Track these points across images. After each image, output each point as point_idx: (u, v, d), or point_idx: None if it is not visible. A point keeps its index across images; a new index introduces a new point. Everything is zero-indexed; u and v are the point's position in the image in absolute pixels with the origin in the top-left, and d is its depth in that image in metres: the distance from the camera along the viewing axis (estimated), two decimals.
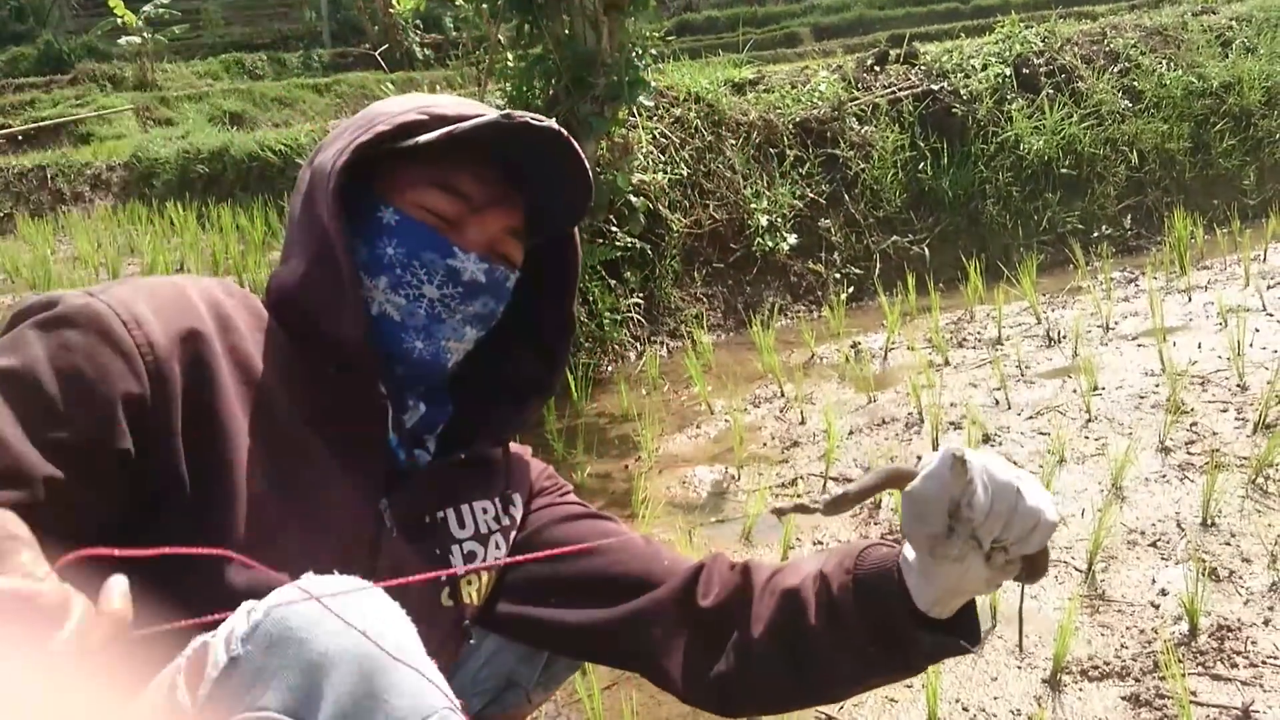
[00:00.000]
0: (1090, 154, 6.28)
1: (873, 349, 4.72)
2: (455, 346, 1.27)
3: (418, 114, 1.21)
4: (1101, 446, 3.25)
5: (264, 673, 0.84)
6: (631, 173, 4.91)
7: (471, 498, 1.34)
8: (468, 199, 1.24)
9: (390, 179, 1.24)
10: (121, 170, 10.31)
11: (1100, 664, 2.19)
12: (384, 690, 0.84)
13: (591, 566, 1.36)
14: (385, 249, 1.22)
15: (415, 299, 1.22)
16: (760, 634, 1.24)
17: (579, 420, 4.20)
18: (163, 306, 1.09)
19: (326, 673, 0.83)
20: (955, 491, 1.02)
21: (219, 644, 0.87)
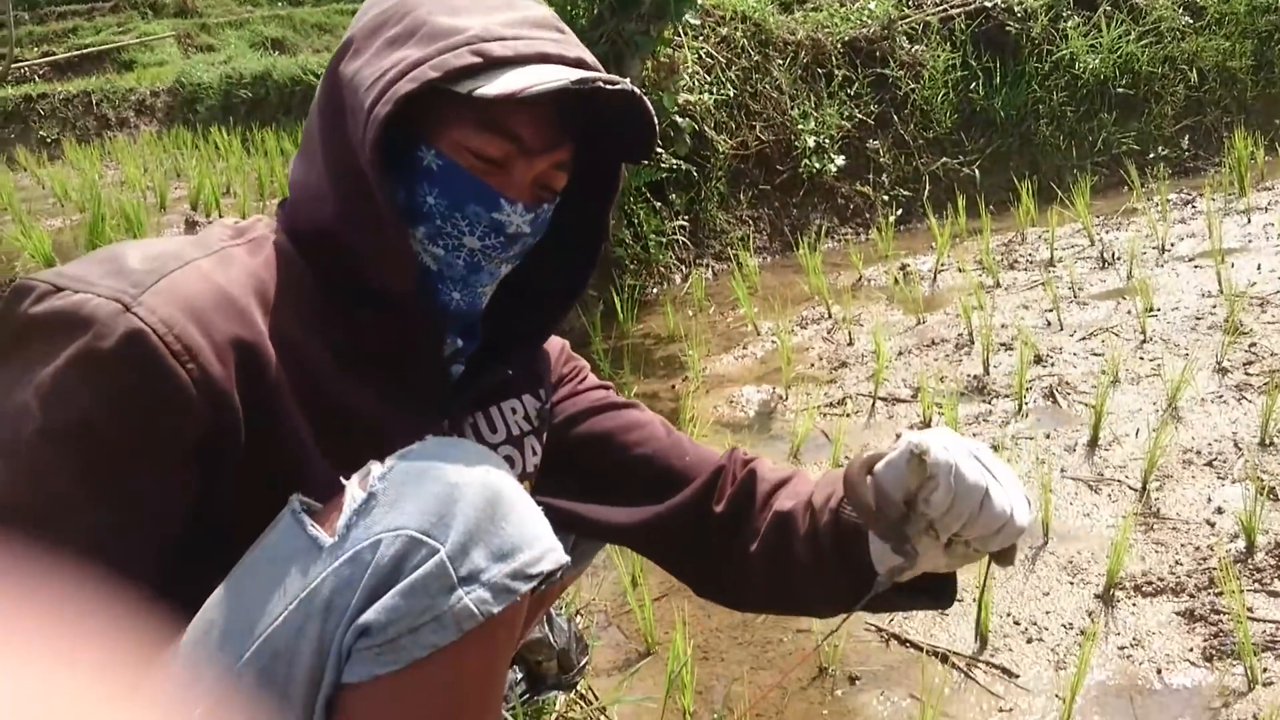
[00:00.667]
0: (1148, 73, 6.11)
1: (921, 271, 4.66)
2: (490, 288, 1.22)
3: (470, 54, 1.06)
4: (1157, 367, 3.20)
5: (400, 501, 0.94)
6: (677, 93, 4.84)
7: (500, 398, 1.32)
8: (518, 140, 1.12)
9: (432, 113, 1.10)
10: (165, 96, 10.34)
11: (1154, 580, 2.17)
12: (503, 517, 0.95)
13: (617, 464, 1.37)
14: (426, 197, 1.12)
15: (455, 249, 1.14)
16: (755, 550, 1.29)
17: (625, 341, 4.20)
18: (204, 315, 0.99)
19: (457, 498, 0.94)
20: (911, 485, 1.03)
21: (353, 486, 0.96)
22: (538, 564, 0.96)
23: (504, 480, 0.97)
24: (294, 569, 0.94)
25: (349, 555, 0.92)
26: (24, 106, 10.31)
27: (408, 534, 0.91)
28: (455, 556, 0.92)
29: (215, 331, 0.99)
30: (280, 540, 0.97)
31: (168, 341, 0.95)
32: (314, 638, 0.91)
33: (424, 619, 0.91)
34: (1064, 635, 2.06)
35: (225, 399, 0.99)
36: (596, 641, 2.17)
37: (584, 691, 1.99)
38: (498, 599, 0.93)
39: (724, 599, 1.41)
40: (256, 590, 0.95)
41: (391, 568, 0.91)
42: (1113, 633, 2.04)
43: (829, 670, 2.03)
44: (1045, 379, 3.23)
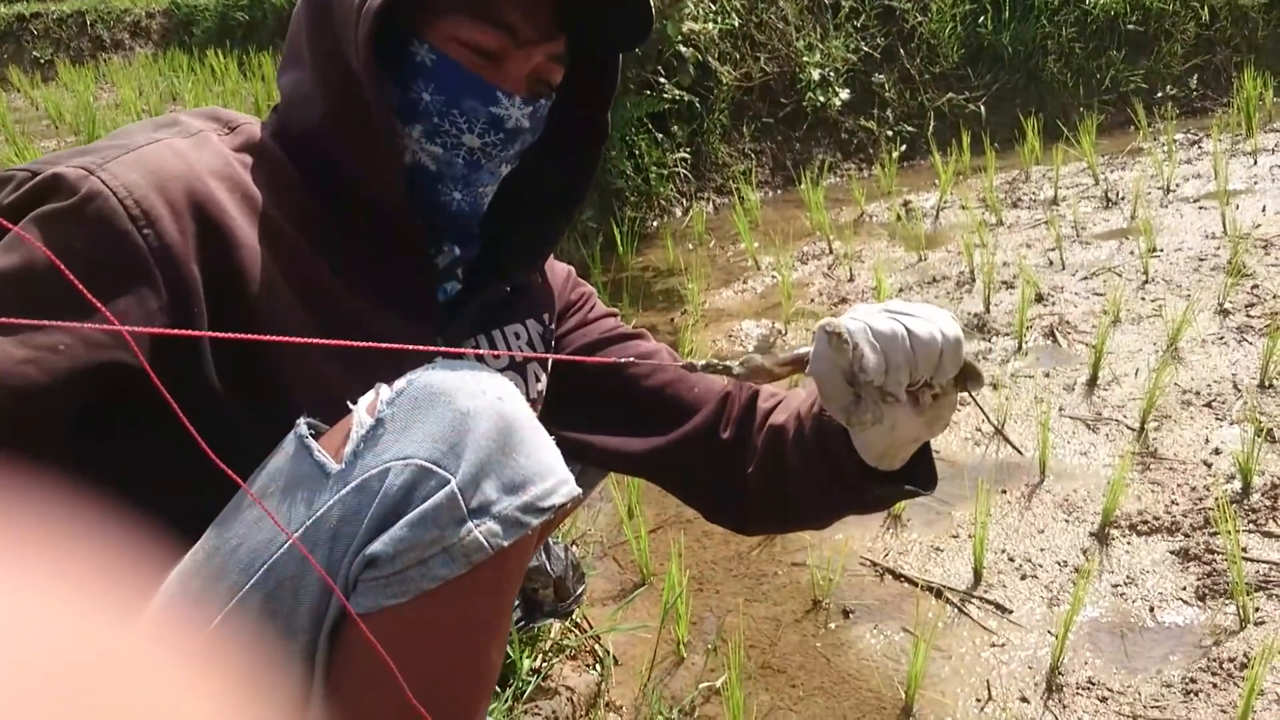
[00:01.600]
0: (1158, 10, 6.02)
1: (924, 208, 4.63)
2: (490, 189, 1.19)
3: None
4: (1158, 308, 3.18)
5: (409, 429, 0.91)
6: (681, 21, 4.76)
7: (503, 321, 1.29)
8: (512, 31, 1.08)
9: (424, 6, 1.08)
10: (161, 18, 10.17)
11: (1150, 519, 2.18)
12: (514, 448, 0.92)
13: (626, 396, 1.36)
14: (421, 94, 1.09)
15: (453, 148, 1.11)
16: (754, 468, 1.29)
17: (624, 274, 4.17)
18: (167, 185, 0.98)
19: (469, 428, 0.91)
20: (844, 363, 1.00)
21: (361, 411, 0.93)
22: (549, 497, 0.94)
23: (517, 408, 0.94)
24: (300, 495, 0.92)
25: (356, 483, 0.90)
26: (17, 26, 10.14)
27: (417, 463, 0.89)
28: (466, 487, 0.90)
29: (176, 202, 0.98)
30: (286, 465, 0.95)
31: (126, 205, 0.95)
32: (320, 565, 0.90)
33: (433, 551, 0.89)
34: (1058, 572, 2.07)
35: (182, 268, 0.97)
36: (592, 571, 2.18)
37: (579, 620, 2.00)
38: (508, 532, 0.91)
39: (732, 523, 1.40)
40: (260, 515, 0.93)
41: (400, 497, 0.89)
42: (1107, 571, 2.05)
43: (823, 603, 2.04)
44: (1046, 318, 3.21)
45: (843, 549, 2.18)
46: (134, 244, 0.94)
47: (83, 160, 0.97)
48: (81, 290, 0.77)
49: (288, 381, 1.04)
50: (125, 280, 0.94)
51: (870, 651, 1.91)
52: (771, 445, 1.27)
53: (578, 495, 0.96)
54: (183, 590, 0.94)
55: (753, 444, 1.30)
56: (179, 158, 1.01)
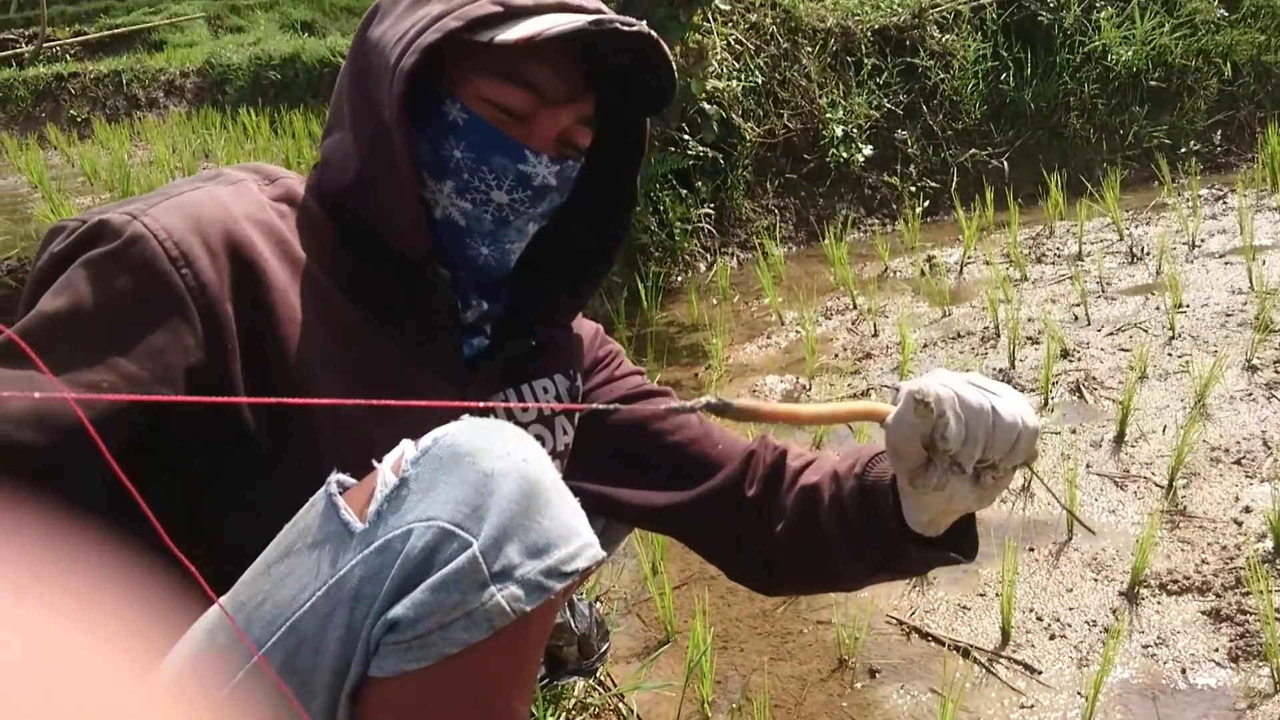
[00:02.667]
0: (1181, 66, 6.04)
1: (948, 263, 4.63)
2: (518, 246, 1.22)
3: (491, 4, 1.08)
4: (1185, 364, 3.17)
5: (433, 489, 0.91)
6: (705, 79, 4.82)
7: (531, 377, 1.32)
8: (541, 92, 1.13)
9: (456, 66, 1.12)
10: (195, 76, 10.37)
11: (1180, 578, 2.15)
12: (538, 510, 0.92)
13: (652, 452, 1.37)
14: (452, 151, 1.13)
15: (482, 204, 1.15)
16: (783, 527, 1.29)
17: (649, 328, 4.19)
18: (207, 229, 1.03)
19: (492, 490, 0.90)
20: (925, 430, 1.01)
21: (386, 469, 0.94)
22: (573, 561, 0.93)
23: (542, 470, 0.94)
24: (324, 554, 0.92)
25: (379, 544, 0.90)
26: (55, 85, 10.36)
27: (439, 525, 0.89)
28: (488, 551, 0.89)
29: (213, 244, 1.02)
30: (314, 522, 0.95)
31: (166, 247, 0.99)
32: (341, 626, 0.90)
33: (455, 615, 0.89)
34: (1087, 632, 2.04)
35: (216, 306, 1.01)
36: (616, 628, 2.17)
37: (603, 678, 1.99)
38: (531, 597, 0.91)
39: (755, 582, 1.40)
40: (287, 572, 0.93)
41: (422, 559, 0.89)
42: (1137, 631, 2.03)
43: (849, 662, 2.02)
44: (1072, 374, 3.20)
45: (869, 607, 2.17)
46: (173, 283, 0.99)
47: (128, 208, 1.03)
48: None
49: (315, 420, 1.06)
50: (163, 317, 0.99)
51: (897, 712, 1.89)
52: (804, 505, 1.27)
53: (602, 559, 0.96)
54: (209, 643, 0.94)
55: (781, 503, 1.30)
56: (217, 203, 1.07)
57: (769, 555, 1.31)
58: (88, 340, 0.96)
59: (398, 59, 1.06)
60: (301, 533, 0.96)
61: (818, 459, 1.33)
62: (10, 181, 6.75)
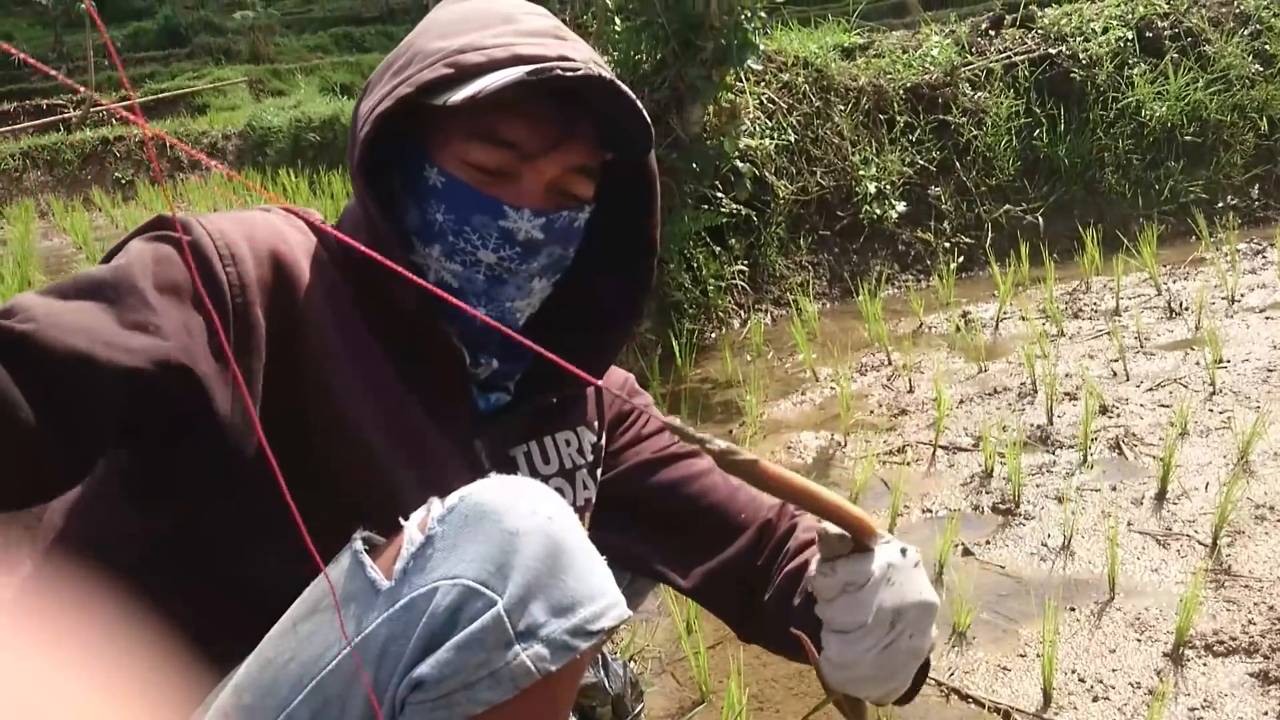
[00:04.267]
0: (1216, 121, 6.03)
1: (983, 318, 4.61)
2: (523, 304, 1.21)
3: (444, 67, 1.08)
4: (1227, 420, 3.12)
5: (459, 547, 0.91)
6: (738, 138, 4.86)
7: (554, 429, 1.31)
8: (515, 147, 1.12)
9: (434, 132, 1.13)
10: (236, 139, 10.60)
11: (1226, 639, 2.10)
12: (564, 569, 0.92)
13: (678, 516, 1.39)
14: (435, 214, 1.14)
15: (471, 265, 1.15)
16: (769, 599, 1.33)
17: (683, 385, 4.19)
18: (257, 241, 1.07)
19: (517, 548, 0.90)
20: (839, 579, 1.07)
21: (412, 527, 0.94)
22: (599, 620, 0.93)
23: (567, 528, 0.94)
24: (350, 611, 0.92)
25: (404, 602, 0.90)
26: (100, 148, 10.62)
27: (464, 583, 0.89)
28: (513, 610, 0.89)
29: (260, 253, 1.06)
30: (340, 579, 0.95)
31: (217, 244, 1.03)
32: (367, 686, 0.90)
33: (479, 674, 0.89)
34: (1131, 694, 2.00)
35: (252, 309, 1.03)
36: (650, 688, 2.14)
37: None
38: (556, 656, 0.90)
39: (760, 642, 1.45)
40: (313, 630, 0.93)
41: (447, 618, 0.89)
42: (1182, 693, 1.98)
43: None
44: (1111, 430, 3.16)
45: None
46: (217, 275, 1.02)
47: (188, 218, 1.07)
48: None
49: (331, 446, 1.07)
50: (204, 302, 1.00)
51: None
52: (785, 586, 1.31)
53: (628, 617, 0.96)
54: (235, 702, 0.94)
55: (773, 576, 1.34)
56: (268, 224, 1.11)
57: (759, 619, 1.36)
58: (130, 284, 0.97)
59: (360, 128, 1.10)
60: (325, 591, 0.95)
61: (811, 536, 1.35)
62: (56, 243, 6.89)
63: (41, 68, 0.75)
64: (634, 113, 1.12)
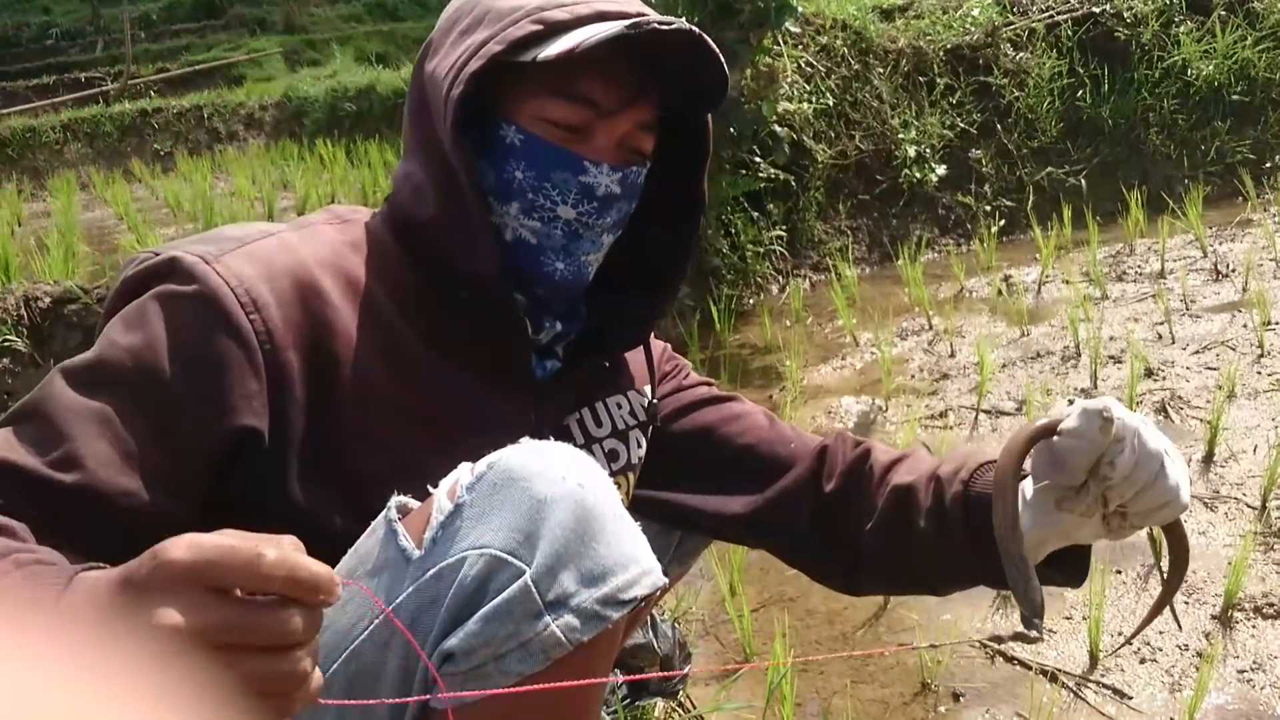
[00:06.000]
0: (1265, 79, 5.90)
1: (1025, 282, 4.57)
2: (595, 259, 1.22)
3: (531, 24, 1.08)
4: (1275, 382, 3.08)
5: (487, 515, 0.90)
6: (776, 102, 4.82)
7: (605, 394, 1.32)
8: (595, 104, 1.13)
9: (510, 90, 1.13)
10: (273, 109, 10.63)
11: (1276, 602, 2.09)
12: (594, 537, 0.90)
13: (722, 456, 1.37)
14: (513, 172, 1.14)
15: (550, 221, 1.15)
16: (874, 526, 1.26)
17: (722, 351, 4.19)
18: (277, 276, 1.05)
19: (545, 516, 0.89)
20: (1098, 450, 1.01)
21: (442, 495, 0.93)
22: (631, 588, 0.91)
23: (598, 494, 0.92)
24: (383, 580, 0.92)
25: (434, 572, 0.89)
26: (139, 120, 10.70)
27: (492, 553, 0.88)
28: (541, 579, 0.87)
29: (283, 292, 1.04)
30: (374, 548, 0.95)
31: (237, 294, 1.01)
32: (399, 655, 0.89)
33: (509, 646, 0.87)
34: (1179, 657, 1.99)
35: (283, 359, 1.02)
36: (694, 650, 2.16)
37: (683, 699, 1.99)
38: (587, 626, 0.89)
39: (836, 580, 1.37)
40: (348, 598, 0.93)
41: (475, 588, 0.88)
42: (1231, 655, 1.97)
43: (932, 685, 1.99)
44: (1157, 393, 3.13)
45: (952, 630, 2.13)
46: (241, 327, 1.00)
47: (201, 249, 1.04)
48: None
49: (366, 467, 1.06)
50: (232, 360, 1.00)
51: None
52: (898, 507, 1.25)
53: (663, 585, 0.94)
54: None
55: (869, 500, 1.28)
56: (287, 251, 1.08)
57: (853, 552, 1.29)
58: (155, 376, 0.97)
59: (448, 89, 1.08)
60: (362, 558, 0.95)
61: (909, 458, 1.30)
62: (98, 214, 6.96)
63: None
64: (715, 67, 1.14)
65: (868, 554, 1.27)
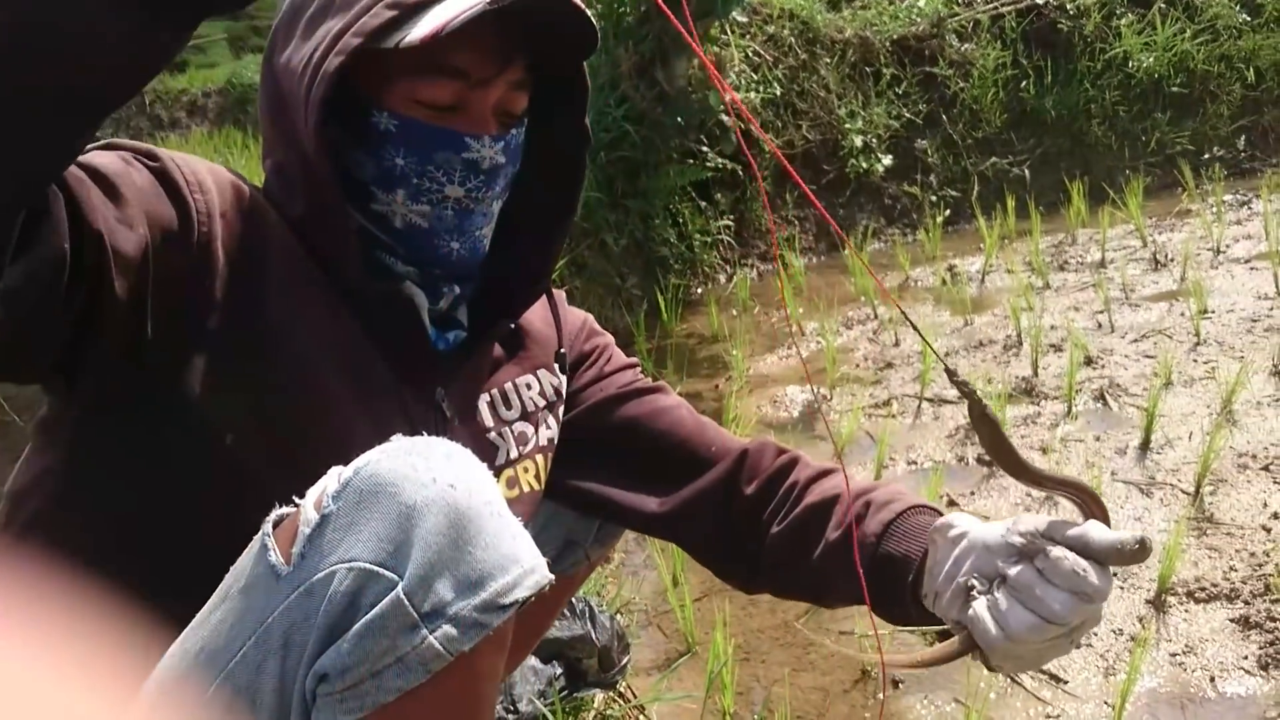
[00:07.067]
0: (1203, 71, 6.01)
1: (969, 272, 4.61)
2: (488, 230, 1.18)
3: (386, 9, 1.02)
4: (1211, 370, 3.13)
5: (355, 526, 0.85)
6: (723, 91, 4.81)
7: (514, 374, 1.29)
8: (466, 75, 1.08)
9: (374, 75, 1.07)
10: (217, 96, 10.48)
11: (1208, 586, 2.12)
12: (469, 540, 0.86)
13: (644, 451, 1.35)
14: (393, 160, 1.09)
15: (439, 202, 1.11)
16: (782, 534, 1.26)
17: (669, 340, 4.18)
18: (220, 178, 1.03)
19: (415, 523, 0.84)
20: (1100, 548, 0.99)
21: (309, 505, 0.88)
22: (511, 591, 0.87)
23: (472, 495, 0.87)
24: (255, 598, 0.88)
25: (303, 589, 0.85)
26: None
27: (360, 566, 0.83)
28: (414, 591, 0.83)
29: (223, 188, 1.02)
30: (248, 563, 0.90)
31: (184, 173, 0.99)
32: (274, 676, 0.86)
33: (385, 662, 0.84)
34: (1114, 641, 2.02)
35: (215, 241, 0.99)
36: (636, 640, 2.15)
37: (623, 690, 1.98)
38: (467, 635, 0.85)
39: (737, 581, 1.36)
40: (223, 619, 0.89)
41: (346, 604, 0.84)
42: (1164, 639, 2.00)
43: (871, 673, 2.00)
44: (1096, 381, 3.17)
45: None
46: (186, 198, 0.98)
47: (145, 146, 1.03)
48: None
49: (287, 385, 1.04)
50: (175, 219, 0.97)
51: None
52: (811, 522, 1.24)
53: (546, 583, 0.90)
54: (160, 694, 0.91)
55: (784, 509, 1.28)
56: (231, 172, 1.07)
57: (757, 555, 1.28)
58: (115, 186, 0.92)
59: (308, 89, 1.02)
60: (236, 575, 0.91)
61: (833, 475, 1.29)
62: None
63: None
64: (580, 19, 1.09)
65: (769, 559, 1.27)
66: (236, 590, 0.89)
